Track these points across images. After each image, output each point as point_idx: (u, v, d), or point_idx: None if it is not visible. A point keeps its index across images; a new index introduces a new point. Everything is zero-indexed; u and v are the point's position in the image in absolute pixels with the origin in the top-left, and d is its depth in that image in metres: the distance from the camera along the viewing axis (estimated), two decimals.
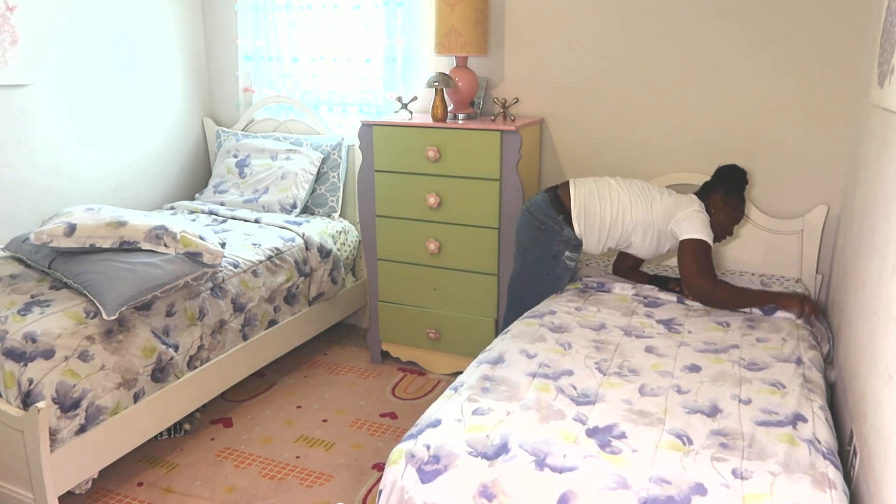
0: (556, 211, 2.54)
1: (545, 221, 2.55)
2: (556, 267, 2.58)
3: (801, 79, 2.75)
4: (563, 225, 2.53)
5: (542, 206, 2.57)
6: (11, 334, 2.16)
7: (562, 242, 2.54)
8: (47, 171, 3.20)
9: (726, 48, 2.83)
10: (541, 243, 2.56)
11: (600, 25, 3.00)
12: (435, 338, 3.19)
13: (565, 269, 2.59)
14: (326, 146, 3.61)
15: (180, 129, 3.87)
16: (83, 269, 2.35)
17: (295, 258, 3.14)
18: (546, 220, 2.55)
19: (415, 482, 1.59)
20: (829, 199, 2.79)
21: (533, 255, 2.59)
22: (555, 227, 2.54)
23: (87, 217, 2.49)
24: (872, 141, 2.15)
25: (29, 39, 3.03)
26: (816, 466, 1.54)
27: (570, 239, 2.54)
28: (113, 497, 2.40)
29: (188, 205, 3.58)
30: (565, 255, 2.56)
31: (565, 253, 2.56)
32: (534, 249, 2.58)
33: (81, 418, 2.18)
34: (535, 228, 2.57)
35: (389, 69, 3.45)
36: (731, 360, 2.08)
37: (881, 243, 1.79)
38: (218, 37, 3.90)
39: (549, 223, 2.54)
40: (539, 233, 2.56)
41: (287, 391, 3.13)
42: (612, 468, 1.54)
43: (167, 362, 2.48)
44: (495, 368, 2.01)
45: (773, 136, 2.84)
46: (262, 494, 2.41)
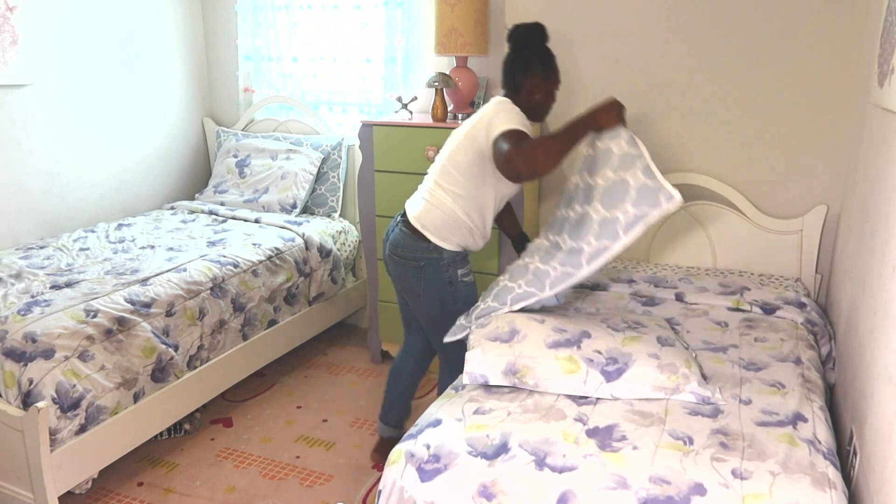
0: (420, 240, 2.21)
1: (421, 257, 2.22)
2: (457, 290, 2.27)
3: (801, 79, 2.75)
4: (439, 250, 2.21)
5: (409, 243, 2.23)
6: (11, 334, 2.16)
7: (449, 266, 2.23)
8: (47, 171, 3.20)
9: (726, 49, 2.83)
10: (429, 280, 2.24)
11: (600, 25, 2.99)
12: None
13: (468, 287, 2.29)
14: (326, 146, 3.61)
15: (180, 129, 3.87)
16: None
17: (295, 258, 3.14)
18: (422, 254, 2.22)
19: (414, 481, 1.59)
20: (829, 199, 2.79)
21: (429, 294, 2.26)
22: (433, 255, 2.21)
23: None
24: (872, 141, 2.15)
25: (29, 39, 3.03)
26: (816, 466, 1.54)
27: (453, 259, 2.23)
28: (113, 497, 2.40)
29: (188, 205, 3.58)
30: (459, 274, 2.26)
31: (458, 273, 2.25)
32: (426, 290, 2.26)
33: (81, 418, 2.18)
34: (415, 268, 2.24)
35: (389, 69, 3.45)
36: (730, 359, 2.08)
37: (881, 243, 1.80)
38: (218, 37, 3.90)
39: (425, 256, 2.22)
40: (420, 270, 2.24)
41: (287, 391, 3.13)
42: (612, 468, 1.54)
43: (167, 362, 2.48)
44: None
45: (773, 135, 2.84)
46: (262, 494, 2.41)
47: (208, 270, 2.75)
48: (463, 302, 2.27)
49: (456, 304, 2.27)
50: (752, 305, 2.47)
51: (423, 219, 2.22)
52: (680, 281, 2.69)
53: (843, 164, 2.75)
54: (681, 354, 1.91)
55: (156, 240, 3.07)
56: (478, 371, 1.91)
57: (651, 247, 3.02)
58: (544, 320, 2.01)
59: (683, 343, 2.10)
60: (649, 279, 2.70)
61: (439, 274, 2.24)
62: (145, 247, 2.97)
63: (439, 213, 2.20)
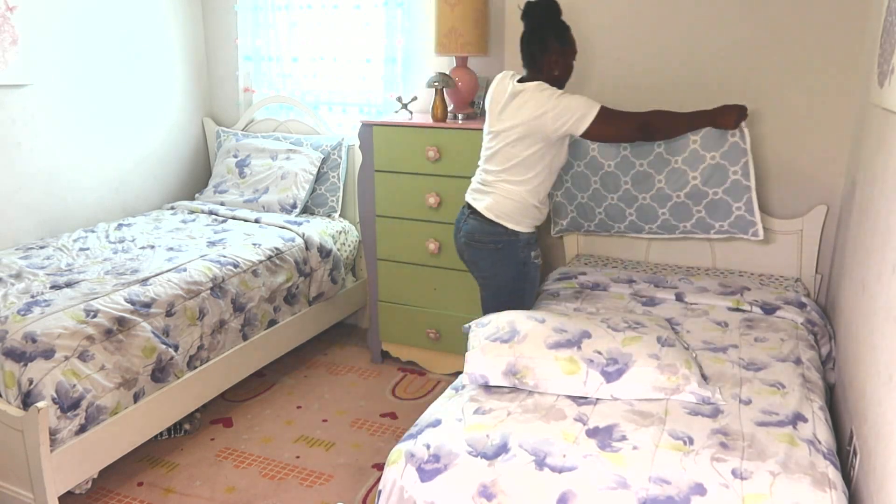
0: (495, 226, 2.39)
1: (499, 240, 2.40)
2: (529, 271, 2.47)
3: (801, 79, 2.75)
4: (515, 233, 2.39)
5: (486, 229, 2.41)
6: (11, 334, 2.16)
7: (524, 247, 2.42)
8: (47, 171, 3.20)
9: (726, 49, 2.82)
10: (505, 260, 2.43)
11: (600, 25, 2.99)
12: (435, 338, 3.19)
13: (536, 268, 2.49)
14: (326, 146, 3.61)
15: (180, 129, 3.87)
16: None
17: (295, 258, 3.14)
18: (499, 237, 2.40)
19: (414, 481, 1.59)
20: (829, 199, 2.79)
21: (504, 274, 2.46)
22: (510, 238, 2.40)
23: None
24: (872, 141, 2.15)
25: (29, 39, 3.03)
26: (816, 466, 1.54)
27: (528, 240, 2.43)
28: (113, 497, 2.40)
29: (188, 205, 3.58)
30: (531, 255, 2.45)
31: (531, 254, 2.45)
32: (502, 270, 2.45)
33: (81, 418, 2.18)
34: (493, 251, 2.42)
35: (389, 69, 3.45)
36: (730, 359, 2.08)
37: (881, 243, 1.80)
38: (218, 37, 3.90)
39: (503, 239, 2.40)
40: (498, 252, 2.42)
41: (287, 391, 3.13)
42: (612, 468, 1.54)
43: (167, 362, 2.48)
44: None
45: (773, 135, 2.83)
46: (262, 494, 2.41)
47: (208, 270, 2.75)
48: (530, 282, 2.49)
49: (525, 283, 2.47)
50: (753, 305, 2.47)
51: (495, 209, 2.39)
52: (680, 281, 2.69)
53: (843, 164, 2.75)
54: (681, 355, 1.91)
55: (156, 240, 3.07)
56: (478, 371, 1.91)
57: (650, 247, 3.02)
58: (544, 320, 2.01)
59: (684, 343, 2.10)
60: (649, 279, 2.70)
61: (516, 254, 2.43)
62: (145, 247, 2.97)
63: (511, 203, 2.38)
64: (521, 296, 2.49)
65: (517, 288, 2.48)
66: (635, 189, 2.66)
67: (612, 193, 2.73)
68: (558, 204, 2.89)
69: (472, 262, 2.53)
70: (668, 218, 2.62)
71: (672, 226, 2.63)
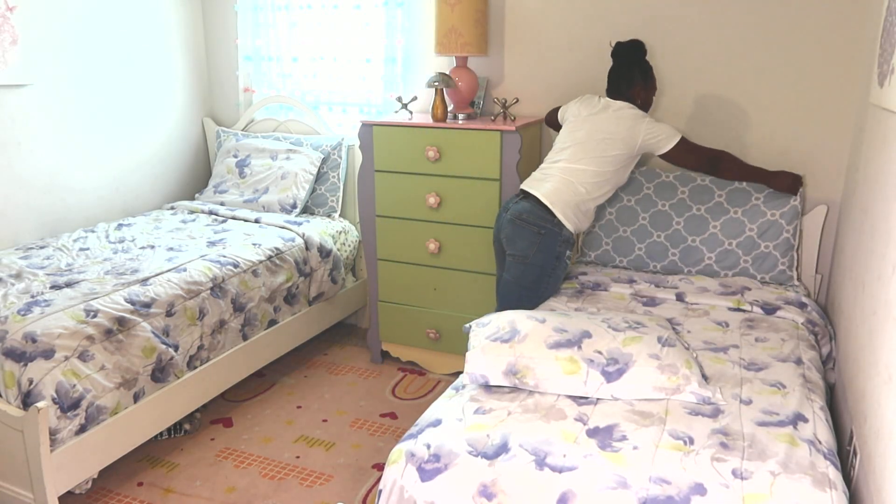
0: (549, 214, 2.53)
1: (544, 226, 2.52)
2: (557, 268, 2.58)
3: (801, 78, 2.75)
4: (561, 226, 2.53)
5: (535, 212, 2.54)
6: (11, 334, 2.16)
7: (563, 243, 2.55)
8: (47, 171, 3.20)
9: (725, 49, 2.83)
10: (543, 248, 2.53)
11: (600, 25, 3.00)
12: (435, 338, 3.19)
13: (564, 269, 2.61)
14: (326, 146, 3.61)
15: (180, 130, 3.87)
16: None
17: (295, 258, 3.14)
18: (545, 224, 2.52)
19: (415, 481, 1.59)
20: (829, 199, 2.79)
21: (536, 261, 2.55)
22: (555, 229, 2.53)
23: None
24: (872, 141, 2.15)
25: (29, 39, 3.03)
26: (816, 466, 1.54)
27: (568, 238, 2.56)
28: (113, 497, 2.40)
29: (188, 205, 3.58)
30: (566, 254, 2.58)
31: (566, 253, 2.57)
32: (536, 255, 2.54)
33: (81, 418, 2.18)
34: (535, 234, 2.53)
35: (389, 69, 3.45)
36: (731, 359, 2.08)
37: (881, 243, 1.80)
38: (218, 37, 3.90)
39: (548, 227, 2.52)
40: (540, 237, 2.53)
41: (287, 391, 3.13)
42: (612, 468, 1.54)
43: (167, 362, 2.48)
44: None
45: (773, 136, 2.84)
46: (262, 494, 2.41)
47: (208, 270, 2.75)
48: (556, 278, 2.60)
49: (551, 276, 2.58)
50: (753, 306, 2.47)
51: (553, 196, 2.53)
52: (680, 281, 2.69)
53: (843, 164, 2.75)
54: (681, 355, 1.91)
55: (156, 240, 3.07)
56: (478, 371, 1.91)
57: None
58: (545, 320, 2.01)
59: (684, 343, 2.10)
60: (650, 279, 2.70)
61: (554, 245, 2.54)
62: (145, 247, 2.97)
63: (571, 196, 2.54)
64: (540, 289, 2.57)
65: (540, 279, 2.56)
66: (686, 230, 2.78)
67: (660, 231, 2.81)
68: (593, 236, 2.93)
69: (510, 240, 2.59)
70: (712, 264, 2.76)
71: (714, 271, 2.76)
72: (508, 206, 2.64)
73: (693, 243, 2.77)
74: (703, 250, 2.75)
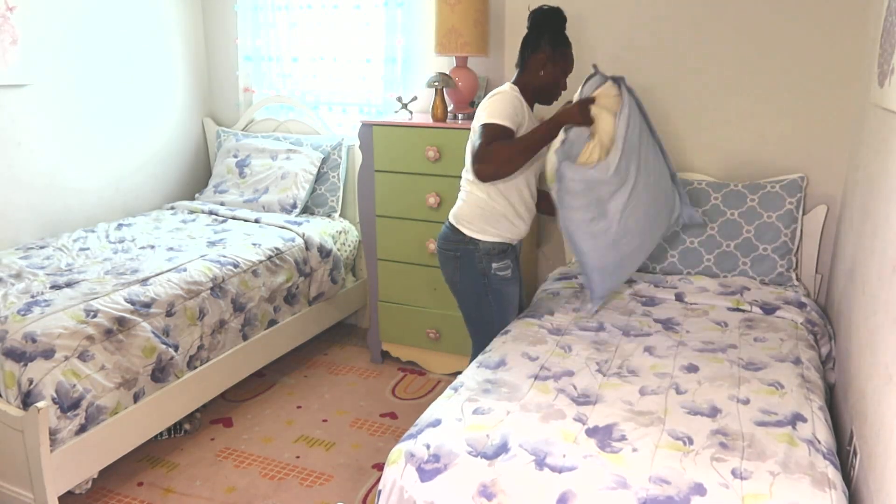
0: (456, 232, 2.36)
1: (458, 248, 2.36)
2: (493, 283, 2.37)
3: (801, 79, 2.75)
4: (475, 242, 2.33)
5: (448, 235, 2.39)
6: (11, 334, 2.16)
7: (484, 257, 2.33)
8: (47, 171, 3.20)
9: (726, 49, 2.83)
10: (463, 270, 2.38)
11: (600, 25, 3.00)
12: (435, 338, 3.19)
13: (503, 282, 2.37)
14: (326, 146, 3.61)
15: (180, 130, 3.87)
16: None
17: (295, 258, 3.14)
18: (458, 245, 2.36)
19: (414, 481, 1.59)
20: (829, 199, 2.79)
21: (463, 285, 2.41)
22: (468, 247, 2.34)
23: None
24: (872, 141, 2.15)
25: (29, 39, 3.03)
26: (816, 466, 1.54)
27: (490, 250, 2.33)
28: (113, 497, 2.40)
29: (188, 205, 3.58)
30: (493, 267, 2.34)
31: (492, 265, 2.34)
32: (461, 280, 2.40)
33: (81, 418, 2.18)
34: (453, 258, 2.39)
35: (389, 69, 3.45)
36: (730, 359, 2.08)
37: (881, 243, 1.80)
38: (218, 37, 3.90)
39: (461, 247, 2.35)
40: (457, 260, 2.38)
41: (287, 391, 3.13)
42: (612, 468, 1.54)
43: (167, 362, 2.48)
44: (496, 372, 2.01)
45: (773, 136, 2.84)
46: (262, 494, 2.41)
47: (208, 270, 2.75)
48: (495, 295, 2.39)
49: (488, 295, 2.39)
50: (752, 305, 2.47)
51: (458, 214, 2.38)
52: (680, 281, 2.69)
53: (843, 164, 2.75)
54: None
55: (156, 240, 3.07)
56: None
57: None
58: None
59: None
60: (649, 279, 2.70)
61: (472, 263, 2.36)
62: (145, 247, 2.97)
63: (473, 207, 2.34)
64: (488, 308, 2.41)
65: (479, 301, 2.41)
66: (684, 232, 2.76)
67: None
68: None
69: (442, 270, 2.49)
70: (711, 266, 2.74)
71: (713, 273, 2.75)
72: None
73: (692, 245, 2.77)
74: (702, 252, 2.75)
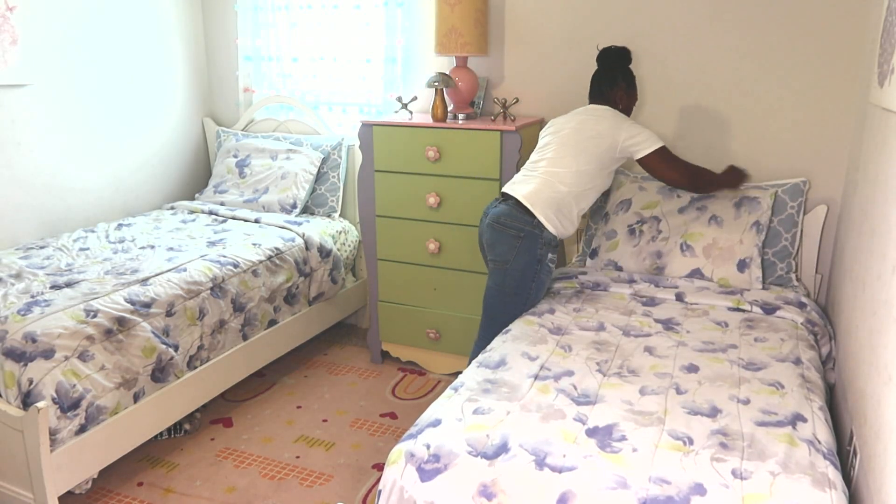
0: (529, 216, 2.46)
1: (523, 228, 2.45)
2: (540, 272, 2.50)
3: (801, 79, 2.75)
4: (542, 228, 2.45)
5: (514, 214, 2.47)
6: (11, 334, 2.16)
7: (545, 245, 2.47)
8: (47, 171, 3.20)
9: (726, 49, 2.83)
10: (523, 251, 2.46)
11: (601, 25, 3.00)
12: (435, 338, 3.19)
13: (548, 273, 2.53)
14: (326, 146, 3.61)
15: (180, 129, 3.87)
16: None
17: (295, 258, 3.14)
18: (524, 226, 2.45)
19: (414, 481, 1.59)
20: (829, 199, 2.79)
21: (516, 265, 2.48)
22: (535, 231, 2.45)
23: None
24: (872, 141, 2.15)
25: (29, 39, 3.03)
26: (816, 466, 1.54)
27: (550, 240, 2.48)
28: (113, 497, 2.40)
29: (188, 205, 3.58)
30: (548, 257, 2.50)
31: (548, 256, 2.49)
32: (516, 259, 2.47)
33: (81, 418, 2.18)
34: (514, 238, 2.46)
35: (389, 69, 3.45)
36: (730, 359, 2.08)
37: (881, 243, 1.80)
38: (218, 37, 3.90)
39: (527, 229, 2.45)
40: (519, 241, 2.45)
41: (287, 391, 3.13)
42: (612, 468, 1.54)
43: (167, 362, 2.48)
44: (497, 372, 2.01)
45: (773, 136, 2.84)
46: (262, 494, 2.41)
47: (208, 270, 2.75)
48: (540, 283, 2.52)
49: (534, 281, 2.50)
50: (753, 305, 2.47)
51: (533, 197, 2.47)
52: (680, 280, 2.69)
53: (843, 164, 2.75)
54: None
55: (156, 240, 3.07)
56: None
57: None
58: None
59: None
60: (649, 279, 2.70)
61: (534, 248, 2.47)
62: (145, 247, 2.97)
63: (552, 195, 2.47)
64: (523, 295, 2.50)
65: (522, 284, 2.50)
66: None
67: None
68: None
69: (490, 245, 2.54)
70: None
71: None
72: (488, 211, 2.58)
73: None
74: None
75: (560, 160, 2.51)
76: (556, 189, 2.48)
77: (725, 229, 2.68)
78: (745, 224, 2.67)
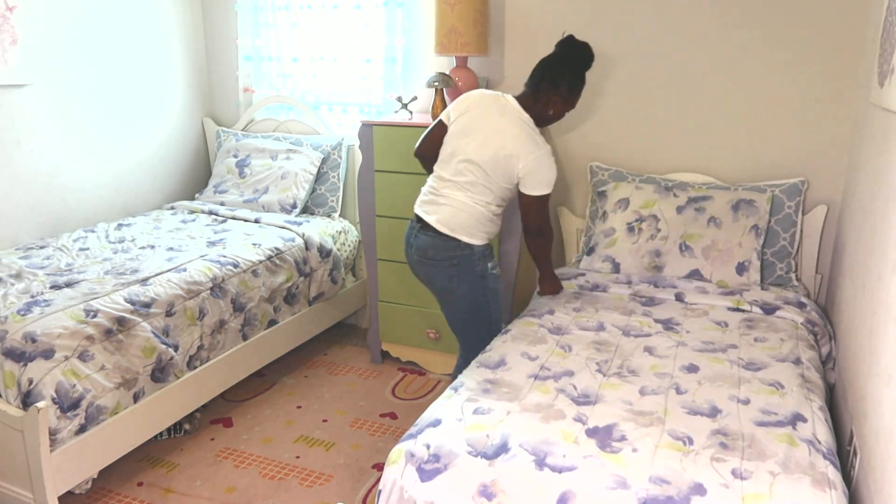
0: (453, 241, 2.33)
1: (453, 255, 2.34)
2: (487, 285, 2.40)
3: (800, 79, 2.75)
4: (470, 247, 2.33)
5: (439, 245, 2.34)
6: (11, 334, 2.16)
7: (480, 260, 2.36)
8: (47, 171, 3.20)
9: (726, 49, 2.83)
10: (463, 278, 2.36)
11: (601, 25, 2.99)
12: (435, 338, 3.19)
13: (496, 280, 2.42)
14: (326, 146, 3.61)
15: (180, 129, 3.87)
16: None
17: (295, 258, 3.14)
18: (453, 252, 2.33)
19: (414, 481, 1.59)
20: (829, 199, 2.79)
21: (462, 292, 2.38)
22: (465, 252, 2.33)
23: None
24: (872, 141, 2.15)
25: (29, 39, 3.03)
26: (816, 466, 1.54)
27: (483, 252, 2.37)
28: (113, 497, 2.40)
29: (188, 205, 3.58)
30: (489, 267, 2.39)
31: (488, 266, 2.39)
32: (460, 288, 2.37)
33: (81, 418, 2.18)
34: (448, 268, 2.35)
35: (389, 69, 3.45)
36: (730, 360, 2.08)
37: (881, 243, 1.80)
38: (218, 37, 3.90)
39: (457, 254, 2.33)
40: (455, 269, 2.35)
41: (287, 391, 3.13)
42: (612, 468, 1.54)
43: (167, 362, 2.48)
44: (496, 372, 2.01)
45: (773, 136, 2.84)
46: (262, 494, 2.41)
47: (208, 270, 2.75)
48: (491, 294, 2.42)
49: (486, 296, 2.41)
50: (752, 305, 2.47)
51: (450, 222, 2.34)
52: (680, 281, 2.69)
53: (843, 164, 2.75)
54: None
55: (156, 240, 3.07)
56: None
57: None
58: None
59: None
60: (649, 279, 2.70)
61: (472, 269, 2.37)
62: (145, 247, 2.97)
63: (466, 216, 2.33)
64: (486, 310, 2.43)
65: (477, 304, 2.41)
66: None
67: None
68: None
69: (428, 280, 2.44)
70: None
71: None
72: (411, 241, 2.44)
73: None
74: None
75: (472, 186, 2.32)
76: (469, 210, 2.33)
77: (724, 231, 2.68)
78: (744, 227, 2.67)
